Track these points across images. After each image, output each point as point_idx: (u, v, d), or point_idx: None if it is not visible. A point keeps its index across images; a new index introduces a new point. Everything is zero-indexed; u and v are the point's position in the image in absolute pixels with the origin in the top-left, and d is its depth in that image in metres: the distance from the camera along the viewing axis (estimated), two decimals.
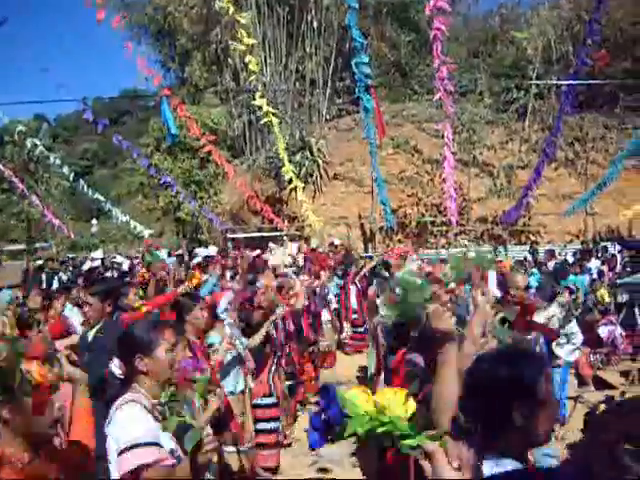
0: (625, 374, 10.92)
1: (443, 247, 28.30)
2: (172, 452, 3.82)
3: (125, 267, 21.16)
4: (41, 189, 38.94)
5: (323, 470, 8.73)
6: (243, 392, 7.74)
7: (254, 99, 18.36)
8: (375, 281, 12.64)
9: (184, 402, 4.17)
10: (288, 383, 10.06)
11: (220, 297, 8.17)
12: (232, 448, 7.25)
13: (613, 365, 13.81)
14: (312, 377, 12.40)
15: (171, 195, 33.09)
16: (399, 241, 31.53)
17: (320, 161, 33.32)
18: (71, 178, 27.56)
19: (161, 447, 3.73)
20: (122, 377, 4.17)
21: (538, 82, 32.69)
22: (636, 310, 9.18)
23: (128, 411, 3.79)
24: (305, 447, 9.64)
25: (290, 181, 21.66)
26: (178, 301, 7.24)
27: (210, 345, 7.18)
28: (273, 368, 9.00)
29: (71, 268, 25.53)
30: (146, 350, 3.96)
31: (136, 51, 19.21)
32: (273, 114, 19.05)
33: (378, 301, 8.08)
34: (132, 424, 3.73)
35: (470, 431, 2.62)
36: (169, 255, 22.87)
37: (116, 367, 4.39)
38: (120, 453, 3.66)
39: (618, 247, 19.79)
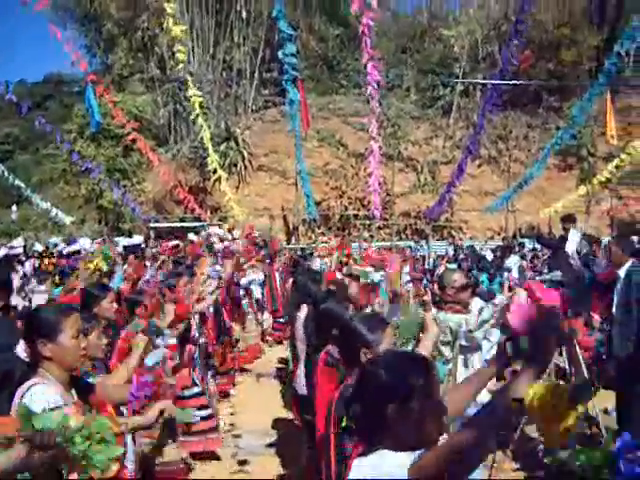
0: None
1: (365, 240, 28.34)
2: None
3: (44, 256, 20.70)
4: None
5: (243, 462, 8.66)
6: None
7: (180, 89, 18.18)
8: (296, 273, 12.55)
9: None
10: (209, 373, 9.96)
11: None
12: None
13: None
14: (233, 369, 12.28)
15: (93, 183, 32.67)
16: (322, 234, 31.58)
17: (245, 152, 33.24)
18: None
19: None
20: (28, 360, 4.06)
21: (464, 80, 33.01)
22: None
23: (35, 390, 3.67)
24: (227, 439, 9.56)
25: (214, 171, 21.49)
26: (86, 291, 7.09)
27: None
28: (196, 360, 8.90)
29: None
30: (50, 335, 3.81)
31: (63, 35, 18.79)
32: (200, 104, 18.88)
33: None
34: (41, 396, 3.60)
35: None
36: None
37: (22, 350, 4.28)
38: None
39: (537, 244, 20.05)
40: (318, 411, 4.41)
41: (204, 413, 8.45)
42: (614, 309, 8.49)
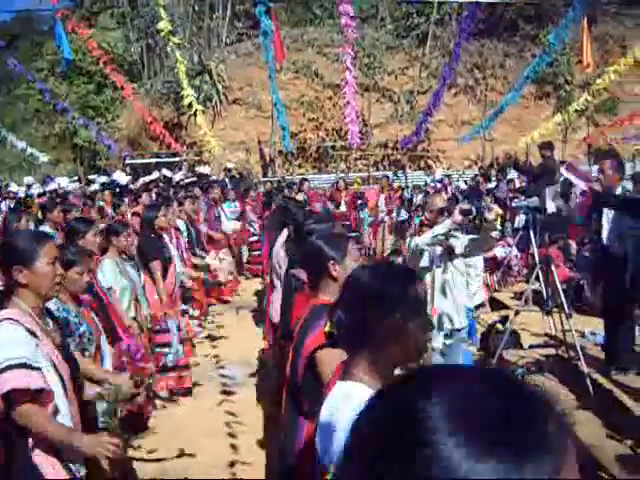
0: (519, 295, 11.17)
1: (343, 172, 28.30)
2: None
3: (21, 195, 20.54)
4: None
5: (228, 393, 8.75)
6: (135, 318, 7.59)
7: (152, 23, 17.95)
8: (275, 205, 12.50)
9: None
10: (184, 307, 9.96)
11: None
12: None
13: (509, 286, 14.10)
14: (205, 305, 12.27)
15: (67, 121, 32.40)
16: (299, 166, 31.51)
17: (219, 86, 32.90)
18: None
19: (36, 369, 3.57)
20: (1, 289, 4.03)
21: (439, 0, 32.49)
22: (531, 233, 9.30)
23: (1, 331, 3.62)
24: (206, 370, 9.63)
25: (189, 106, 21.32)
26: (70, 225, 7.10)
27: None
28: (174, 295, 8.92)
29: None
30: (26, 261, 3.77)
31: None
32: (172, 34, 18.71)
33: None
34: (5, 344, 3.56)
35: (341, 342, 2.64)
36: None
37: None
38: None
39: (514, 173, 20.04)
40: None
41: (173, 350, 8.49)
42: (605, 234, 8.48)
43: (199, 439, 7.21)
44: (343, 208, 18.82)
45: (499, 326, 9.52)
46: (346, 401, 2.40)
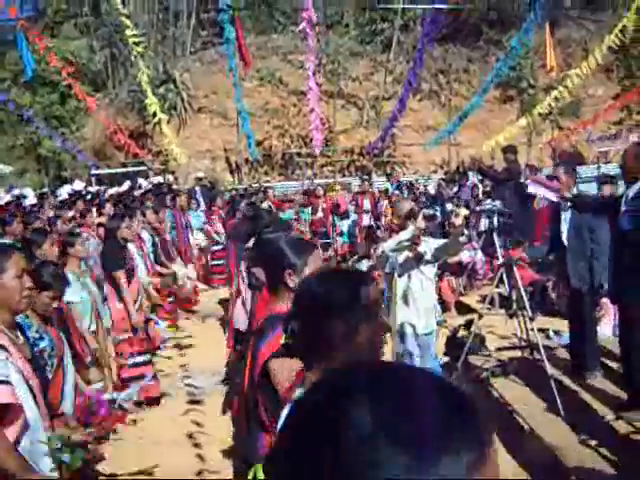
0: (485, 298, 11.24)
1: (309, 179, 28.30)
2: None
3: None
4: None
5: (195, 402, 8.73)
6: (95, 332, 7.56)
7: (116, 32, 17.93)
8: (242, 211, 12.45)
9: None
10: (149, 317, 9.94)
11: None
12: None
13: (475, 290, 14.16)
14: (170, 314, 12.23)
15: (31, 132, 32.22)
16: (265, 173, 31.50)
17: (184, 94, 32.85)
18: None
19: (4, 383, 3.54)
20: None
21: (405, 6, 32.48)
22: (495, 236, 9.36)
23: None
24: (173, 379, 9.61)
25: (154, 114, 21.31)
26: (26, 237, 7.08)
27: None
28: (137, 304, 8.89)
29: None
30: None
31: None
32: (136, 44, 18.67)
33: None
34: None
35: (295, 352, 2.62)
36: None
37: None
38: None
39: (479, 176, 20.14)
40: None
41: (143, 359, 8.48)
42: (564, 235, 8.62)
43: (165, 449, 7.19)
44: (320, 214, 18.77)
45: (463, 330, 9.57)
46: None
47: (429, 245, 6.91)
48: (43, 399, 3.80)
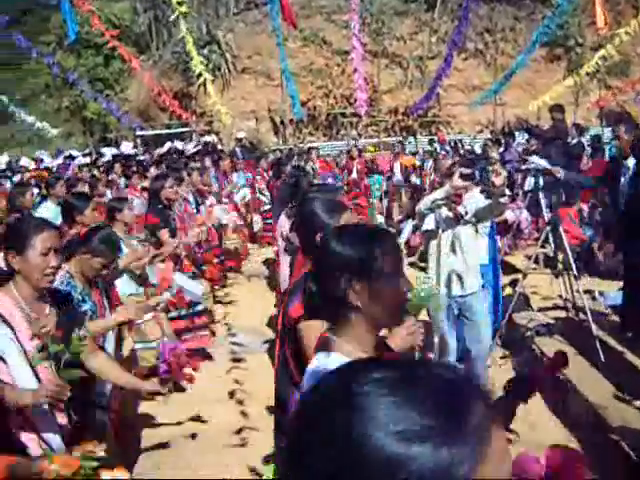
0: (530, 258, 11.13)
1: (354, 139, 28.17)
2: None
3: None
4: None
5: (238, 360, 8.78)
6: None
7: None
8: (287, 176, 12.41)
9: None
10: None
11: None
12: (141, 345, 7.26)
13: (520, 249, 14.04)
14: (217, 276, 12.25)
15: (76, 94, 32.38)
16: (310, 133, 31.43)
17: (228, 55, 32.79)
18: None
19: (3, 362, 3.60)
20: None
21: None
22: (540, 195, 9.29)
23: None
24: (217, 337, 9.65)
25: (199, 75, 21.30)
26: (68, 202, 7.09)
27: None
28: (179, 265, 8.91)
29: None
30: (18, 248, 3.75)
31: None
32: (179, 4, 18.64)
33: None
34: None
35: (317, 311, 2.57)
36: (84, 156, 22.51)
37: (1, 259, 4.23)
38: None
39: (526, 136, 19.91)
40: None
41: (192, 311, 8.52)
42: (622, 198, 8.46)
43: (209, 405, 7.27)
44: (355, 175, 18.73)
45: (509, 289, 9.51)
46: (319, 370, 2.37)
47: (471, 205, 6.83)
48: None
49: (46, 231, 3.83)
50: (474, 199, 6.87)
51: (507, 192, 8.55)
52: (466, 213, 6.69)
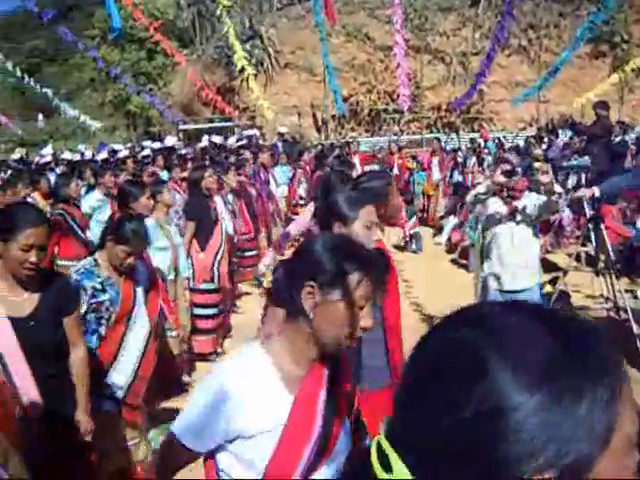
0: (571, 256, 11.04)
1: (395, 134, 28.11)
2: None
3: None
4: None
5: None
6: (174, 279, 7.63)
7: None
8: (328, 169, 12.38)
9: None
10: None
11: None
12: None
13: (562, 247, 13.94)
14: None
15: (120, 88, 32.64)
16: (352, 129, 31.40)
17: (271, 50, 32.84)
18: (18, 74, 27.13)
19: None
20: None
21: None
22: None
23: None
24: (242, 333, 9.64)
25: (242, 70, 21.36)
26: (123, 189, 7.16)
27: None
28: (219, 255, 8.90)
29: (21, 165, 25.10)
30: (3, 235, 3.81)
31: None
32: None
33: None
34: None
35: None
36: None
37: None
38: None
39: (570, 133, 19.76)
40: None
41: (207, 312, 8.56)
42: None
43: None
44: (396, 171, 18.71)
45: (549, 287, 9.42)
46: (233, 361, 2.45)
47: (531, 200, 6.82)
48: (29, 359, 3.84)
49: (32, 228, 3.82)
50: (531, 197, 6.86)
51: (558, 189, 8.46)
52: (523, 208, 6.69)
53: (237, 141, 21.94)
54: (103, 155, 19.99)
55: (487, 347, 0.91)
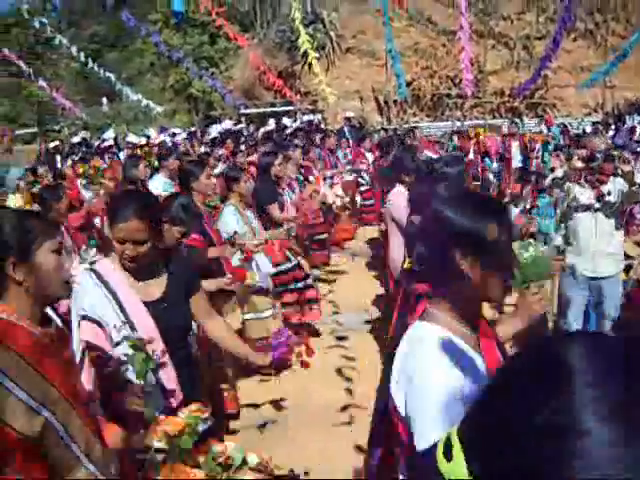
0: None
1: (458, 119, 27.86)
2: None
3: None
4: (49, 72, 38.77)
5: (341, 338, 8.77)
6: None
7: None
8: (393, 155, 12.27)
9: None
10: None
11: None
12: (252, 315, 7.37)
13: (631, 235, 13.70)
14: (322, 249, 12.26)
15: (182, 72, 32.83)
16: (414, 114, 31.19)
17: (333, 34, 32.74)
18: (82, 58, 27.42)
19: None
20: None
21: None
22: None
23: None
24: (325, 316, 9.62)
25: (304, 54, 21.31)
26: (184, 168, 7.15)
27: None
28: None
29: (84, 148, 25.32)
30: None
31: None
32: None
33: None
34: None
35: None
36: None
37: None
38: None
39: (638, 119, 19.43)
40: None
41: (301, 285, 8.52)
42: None
43: (314, 381, 7.29)
44: (471, 157, 18.50)
45: (623, 274, 9.25)
46: (418, 346, 2.36)
47: (615, 185, 6.76)
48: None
49: (122, 222, 3.65)
50: (615, 182, 6.80)
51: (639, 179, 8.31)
52: (609, 193, 6.62)
53: (293, 123, 21.97)
54: (162, 137, 20.14)
55: (577, 369, 0.92)
